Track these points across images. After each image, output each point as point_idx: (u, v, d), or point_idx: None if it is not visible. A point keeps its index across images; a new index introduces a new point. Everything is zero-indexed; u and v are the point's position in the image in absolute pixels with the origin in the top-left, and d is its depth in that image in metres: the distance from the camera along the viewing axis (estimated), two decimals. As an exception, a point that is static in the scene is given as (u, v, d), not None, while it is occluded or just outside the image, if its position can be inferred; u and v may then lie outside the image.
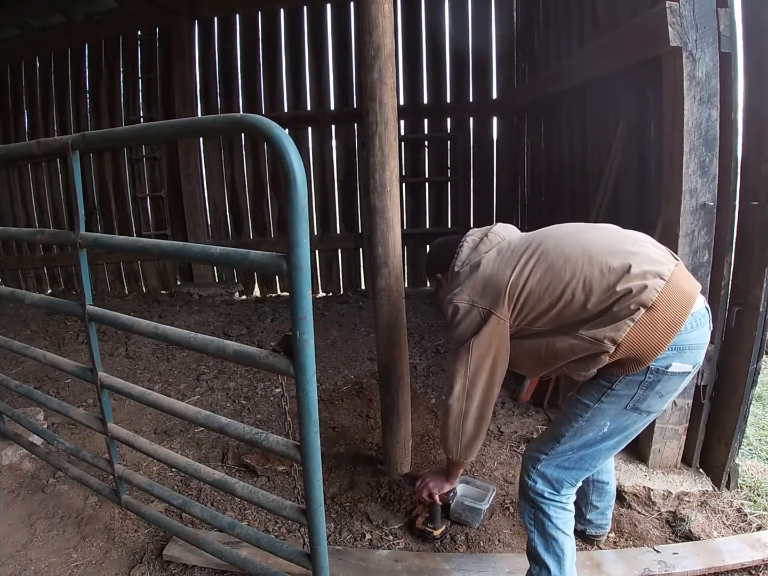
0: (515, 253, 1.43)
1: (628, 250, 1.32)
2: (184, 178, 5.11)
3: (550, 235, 1.44)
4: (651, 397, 1.34)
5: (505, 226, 1.61)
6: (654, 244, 1.39)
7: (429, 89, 4.91)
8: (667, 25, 1.70)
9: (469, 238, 1.57)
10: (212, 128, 1.45)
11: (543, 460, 1.42)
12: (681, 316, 1.28)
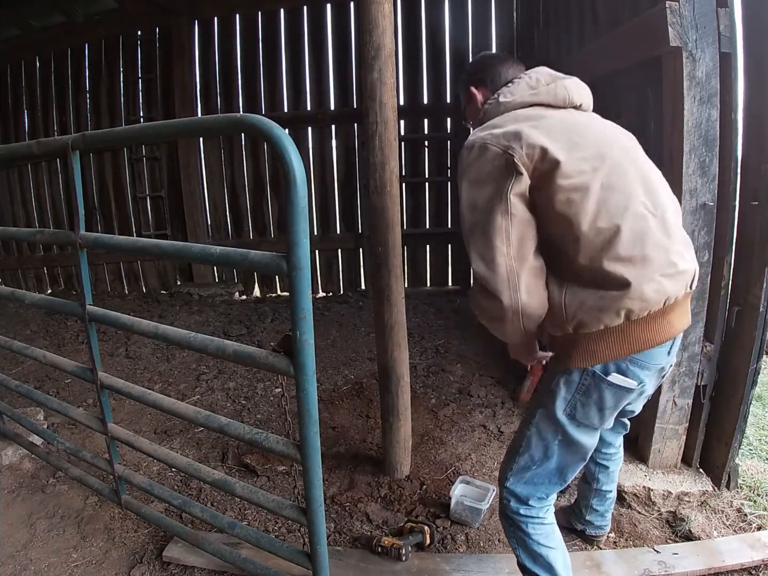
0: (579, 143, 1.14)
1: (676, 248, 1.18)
2: (184, 178, 5.11)
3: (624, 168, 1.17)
4: (589, 407, 1.23)
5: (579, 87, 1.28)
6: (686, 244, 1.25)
7: (429, 89, 4.91)
8: (667, 25, 1.70)
9: (534, 74, 1.28)
10: (212, 128, 1.45)
11: (510, 477, 1.36)
12: (655, 342, 1.18)
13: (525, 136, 1.12)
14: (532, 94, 1.24)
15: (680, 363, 1.95)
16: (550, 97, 1.23)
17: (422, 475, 2.18)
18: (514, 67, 1.38)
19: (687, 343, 1.93)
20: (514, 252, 1.12)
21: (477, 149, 1.17)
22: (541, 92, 1.24)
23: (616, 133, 1.26)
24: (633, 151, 1.24)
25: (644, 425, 2.12)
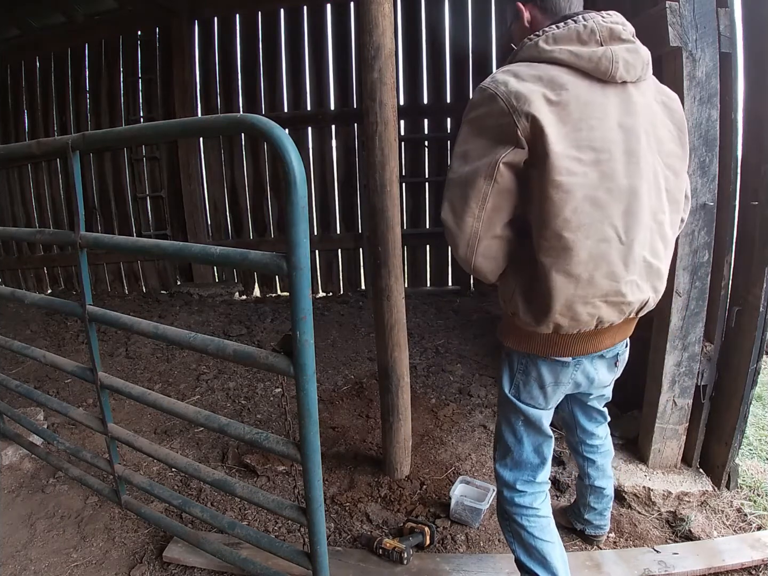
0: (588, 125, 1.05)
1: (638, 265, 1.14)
2: (184, 178, 5.11)
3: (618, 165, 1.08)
4: (530, 386, 1.28)
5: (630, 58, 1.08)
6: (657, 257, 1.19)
7: (429, 89, 4.91)
8: (667, 25, 1.70)
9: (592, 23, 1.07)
10: (212, 128, 1.46)
11: (497, 465, 1.43)
12: (582, 353, 1.23)
13: (536, 109, 1.01)
14: (574, 54, 1.05)
15: (680, 363, 1.96)
16: (591, 65, 1.05)
17: (422, 475, 2.18)
18: None
19: (687, 343, 1.93)
20: (484, 216, 1.10)
21: (488, 97, 1.06)
22: (583, 55, 1.05)
23: (637, 123, 1.09)
24: (644, 158, 1.10)
25: (644, 425, 2.12)
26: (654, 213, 1.14)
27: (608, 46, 1.06)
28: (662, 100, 1.18)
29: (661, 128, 1.16)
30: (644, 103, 1.12)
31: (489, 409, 2.70)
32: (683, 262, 1.85)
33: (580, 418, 1.62)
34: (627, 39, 1.09)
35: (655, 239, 1.15)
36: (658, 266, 1.17)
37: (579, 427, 1.64)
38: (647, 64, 1.12)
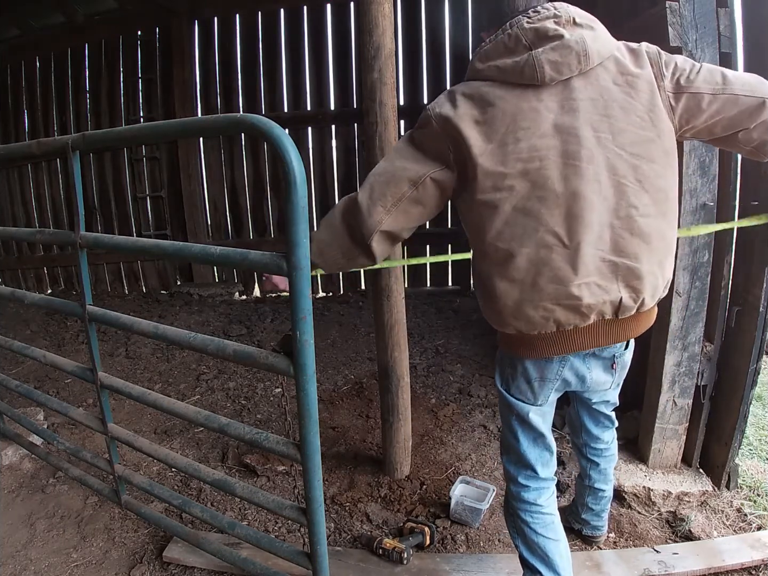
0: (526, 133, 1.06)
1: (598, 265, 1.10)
2: (184, 178, 5.11)
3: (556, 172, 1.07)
4: (517, 380, 1.29)
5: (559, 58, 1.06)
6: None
7: (429, 89, 4.91)
8: (667, 25, 1.70)
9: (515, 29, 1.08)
10: (212, 128, 1.46)
11: (503, 459, 1.47)
12: (559, 352, 1.20)
13: (463, 133, 1.08)
14: (500, 69, 1.08)
15: (680, 363, 1.96)
16: (516, 77, 1.07)
17: (422, 475, 2.18)
18: None
19: (687, 343, 1.93)
20: (393, 213, 1.17)
21: (426, 118, 1.15)
22: (507, 68, 1.07)
23: (579, 119, 1.07)
24: (588, 157, 1.06)
25: (644, 425, 2.12)
26: (615, 210, 1.09)
27: (535, 49, 1.06)
28: (626, 81, 1.09)
29: (620, 116, 1.08)
30: (592, 96, 1.08)
31: (489, 409, 2.70)
32: (683, 262, 1.85)
33: (586, 421, 1.62)
34: (555, 35, 1.06)
35: (619, 237, 1.09)
36: (629, 264, 1.10)
37: (584, 429, 1.64)
38: (585, 53, 1.06)
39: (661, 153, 1.10)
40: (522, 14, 1.11)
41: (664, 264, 1.16)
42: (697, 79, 1.11)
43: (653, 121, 1.09)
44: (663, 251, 1.14)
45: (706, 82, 1.11)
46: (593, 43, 1.07)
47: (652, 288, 1.14)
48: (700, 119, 1.14)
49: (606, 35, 1.12)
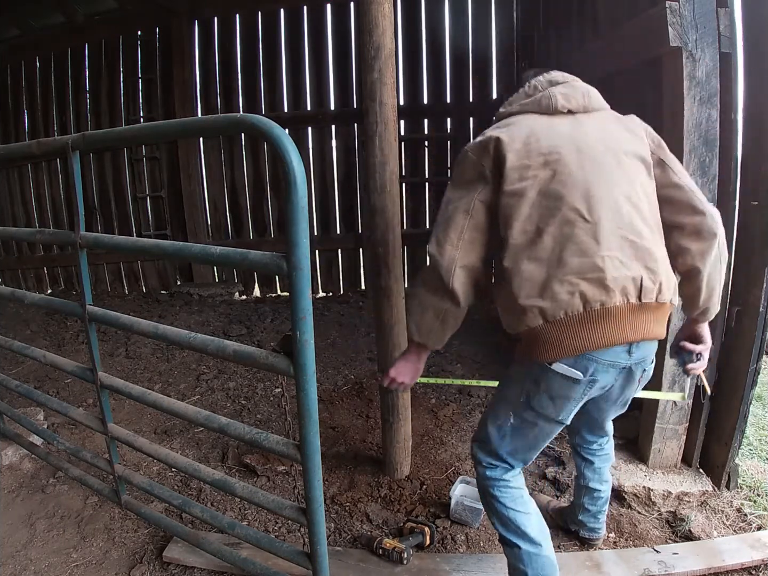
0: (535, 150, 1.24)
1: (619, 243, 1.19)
2: (184, 178, 5.11)
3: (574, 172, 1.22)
4: (541, 396, 1.29)
5: (570, 93, 1.31)
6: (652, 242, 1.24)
7: (429, 89, 4.91)
8: (667, 25, 1.70)
9: (534, 81, 1.35)
10: (212, 128, 1.46)
11: (475, 445, 1.49)
12: (587, 348, 1.19)
13: (493, 143, 1.25)
14: (522, 104, 1.33)
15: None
16: (535, 106, 1.31)
17: (422, 475, 2.18)
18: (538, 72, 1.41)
19: (687, 343, 1.93)
20: (462, 246, 1.28)
21: (462, 155, 1.33)
22: (529, 102, 1.32)
23: (588, 134, 1.26)
24: (601, 152, 1.24)
25: (644, 425, 2.12)
26: (628, 196, 1.22)
27: (548, 89, 1.31)
28: (624, 127, 1.32)
29: (623, 135, 1.29)
30: (597, 123, 1.30)
31: (489, 409, 2.69)
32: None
33: (583, 428, 1.64)
34: (563, 81, 1.33)
35: (635, 220, 1.21)
36: (646, 246, 1.20)
37: (579, 434, 1.67)
38: (587, 94, 1.32)
39: (649, 176, 1.29)
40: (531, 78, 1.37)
41: (669, 263, 1.26)
42: (668, 156, 1.33)
43: (645, 149, 1.30)
44: (662, 247, 1.26)
45: (676, 162, 1.33)
46: (594, 92, 1.34)
47: (666, 274, 1.22)
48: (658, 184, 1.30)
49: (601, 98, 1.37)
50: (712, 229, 1.26)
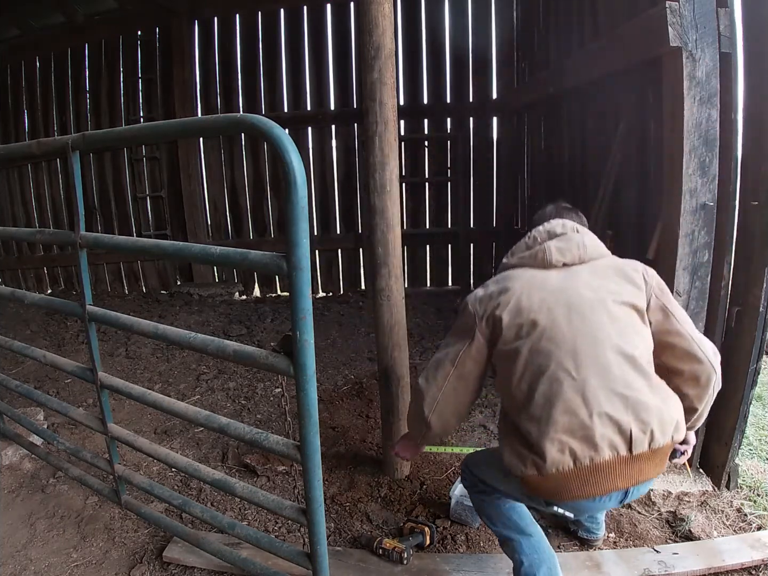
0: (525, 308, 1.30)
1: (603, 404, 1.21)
2: (184, 178, 5.11)
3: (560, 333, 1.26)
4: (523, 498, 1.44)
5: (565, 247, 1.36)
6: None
7: (429, 89, 4.91)
8: (667, 25, 1.70)
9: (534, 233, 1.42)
10: (212, 128, 1.46)
11: (464, 467, 1.63)
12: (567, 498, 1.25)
13: (491, 303, 1.35)
14: (521, 258, 1.41)
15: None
16: (532, 261, 1.38)
17: (422, 475, 2.18)
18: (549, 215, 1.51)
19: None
20: (445, 390, 1.42)
21: (464, 305, 1.43)
22: (525, 255, 1.40)
23: (580, 287, 1.30)
24: (591, 307, 1.27)
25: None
26: (619, 348, 1.24)
27: (545, 243, 1.37)
28: (620, 272, 1.34)
29: (616, 282, 1.32)
30: (591, 271, 1.34)
31: (489, 409, 2.70)
32: (683, 262, 1.85)
33: None
34: (561, 233, 1.38)
35: (627, 373, 1.22)
36: (637, 398, 1.20)
37: None
38: (582, 246, 1.36)
39: (644, 323, 1.30)
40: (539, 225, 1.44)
41: (668, 402, 1.25)
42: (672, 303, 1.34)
43: (640, 298, 1.31)
44: (662, 391, 1.26)
45: (678, 309, 1.34)
46: (591, 242, 1.38)
47: (659, 421, 1.21)
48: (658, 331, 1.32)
49: (602, 246, 1.41)
50: (710, 377, 1.31)
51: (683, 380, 1.32)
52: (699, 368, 1.30)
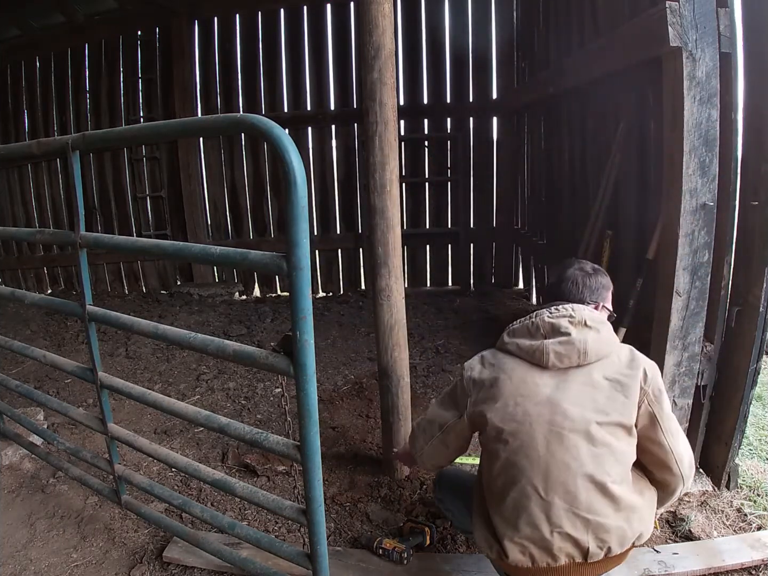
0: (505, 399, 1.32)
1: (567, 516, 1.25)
2: (184, 178, 5.11)
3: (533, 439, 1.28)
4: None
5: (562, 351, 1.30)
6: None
7: (429, 89, 4.91)
8: (667, 25, 1.70)
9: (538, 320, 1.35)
10: (212, 128, 1.46)
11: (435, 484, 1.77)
12: None
13: (481, 395, 1.36)
14: (520, 347, 1.35)
15: (680, 363, 1.95)
16: (529, 356, 1.33)
17: (422, 475, 2.17)
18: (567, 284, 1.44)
19: (687, 343, 1.93)
20: (432, 444, 1.51)
21: (460, 373, 1.45)
22: (524, 348, 1.34)
23: (569, 401, 1.27)
24: (570, 430, 1.25)
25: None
26: (590, 476, 1.24)
27: (548, 339, 1.31)
28: (617, 379, 1.29)
29: (604, 403, 1.27)
30: (584, 383, 1.29)
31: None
32: (683, 262, 1.85)
33: None
34: (565, 332, 1.30)
35: (594, 501, 1.25)
36: (600, 522, 1.24)
37: None
38: (584, 351, 1.29)
39: (630, 439, 1.29)
40: (546, 308, 1.38)
41: (631, 520, 1.28)
42: (663, 412, 1.31)
43: (630, 412, 1.28)
44: (629, 510, 1.28)
45: (666, 419, 1.31)
46: (594, 344, 1.30)
47: (618, 539, 1.27)
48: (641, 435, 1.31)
49: (609, 337, 1.34)
50: (677, 488, 1.35)
51: (653, 481, 1.37)
52: (670, 479, 1.34)
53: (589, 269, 1.46)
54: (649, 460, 1.34)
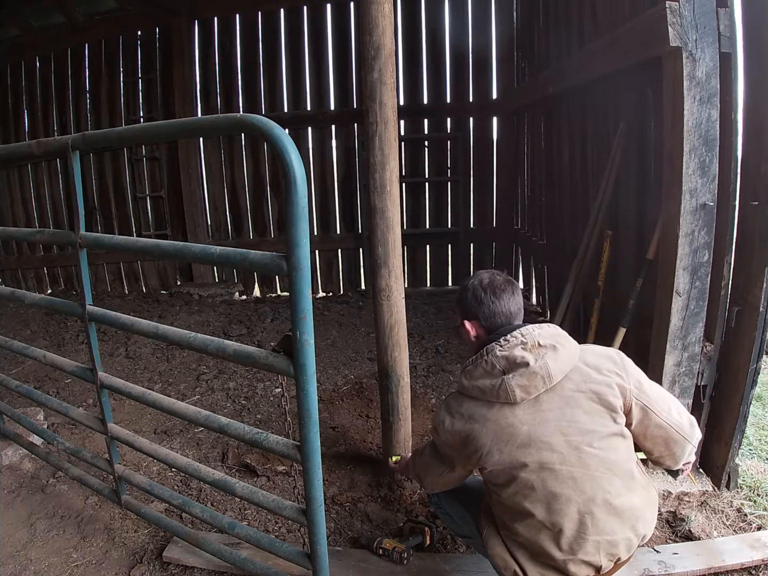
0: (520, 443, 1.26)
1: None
2: (184, 178, 5.11)
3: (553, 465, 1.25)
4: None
5: (528, 382, 1.23)
6: None
7: (429, 89, 4.91)
8: (667, 25, 1.70)
9: (491, 358, 1.27)
10: (212, 128, 1.45)
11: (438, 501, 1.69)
12: None
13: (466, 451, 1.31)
14: (481, 390, 1.28)
15: (680, 363, 1.96)
16: (493, 397, 1.26)
17: (422, 475, 2.17)
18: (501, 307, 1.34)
19: (687, 343, 1.93)
20: (431, 478, 1.51)
21: (435, 428, 1.38)
22: (486, 390, 1.27)
23: (548, 425, 1.24)
24: (561, 462, 1.23)
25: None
26: (592, 499, 1.24)
27: (507, 374, 1.24)
28: (589, 388, 1.26)
29: (585, 420, 1.25)
30: (560, 405, 1.25)
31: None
32: (683, 262, 1.85)
33: None
34: (522, 362, 1.23)
35: (598, 519, 1.24)
36: (609, 539, 1.25)
37: None
38: (548, 377, 1.23)
39: (622, 441, 1.28)
40: (495, 341, 1.29)
41: (636, 527, 1.29)
42: (650, 398, 1.30)
43: (614, 419, 1.26)
44: (633, 519, 1.28)
45: (655, 399, 1.30)
46: (555, 364, 1.24)
47: (626, 548, 1.29)
48: (638, 427, 1.31)
49: (570, 349, 1.28)
50: (685, 449, 1.34)
51: (662, 458, 1.38)
52: (675, 447, 1.34)
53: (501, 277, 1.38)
54: (651, 445, 1.34)
